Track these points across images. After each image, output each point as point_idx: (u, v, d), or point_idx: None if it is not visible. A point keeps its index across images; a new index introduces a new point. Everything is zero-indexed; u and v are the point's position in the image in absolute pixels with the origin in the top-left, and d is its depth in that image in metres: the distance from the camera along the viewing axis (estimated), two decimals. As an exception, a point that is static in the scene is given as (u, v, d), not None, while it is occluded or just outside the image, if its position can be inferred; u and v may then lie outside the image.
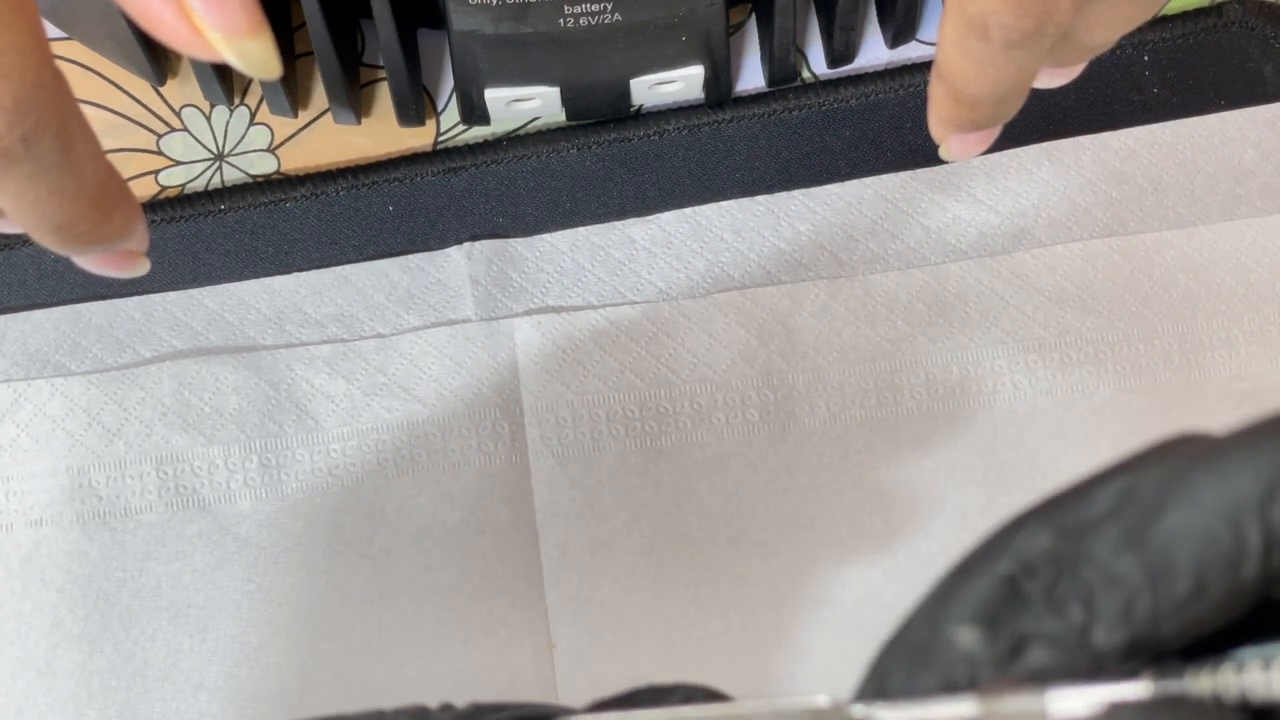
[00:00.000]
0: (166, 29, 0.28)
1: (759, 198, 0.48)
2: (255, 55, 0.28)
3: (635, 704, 0.26)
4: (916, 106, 0.49)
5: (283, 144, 0.49)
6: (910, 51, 0.50)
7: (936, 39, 0.32)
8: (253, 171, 0.49)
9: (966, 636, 0.23)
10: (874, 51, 0.50)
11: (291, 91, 0.48)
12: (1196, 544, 0.21)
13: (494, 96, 0.46)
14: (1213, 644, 0.22)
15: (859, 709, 0.24)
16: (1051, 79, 0.37)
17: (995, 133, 0.36)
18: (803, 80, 0.50)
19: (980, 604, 0.23)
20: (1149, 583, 0.21)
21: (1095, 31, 0.33)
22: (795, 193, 0.48)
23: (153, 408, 0.46)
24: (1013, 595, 0.22)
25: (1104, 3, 0.32)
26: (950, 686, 0.23)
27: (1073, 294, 0.47)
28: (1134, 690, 0.21)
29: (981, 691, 0.22)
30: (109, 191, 0.32)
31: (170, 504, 0.46)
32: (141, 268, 0.35)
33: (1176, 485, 0.22)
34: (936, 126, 0.35)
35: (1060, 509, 0.23)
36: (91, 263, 0.34)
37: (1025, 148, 0.48)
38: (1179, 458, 0.22)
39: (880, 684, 0.23)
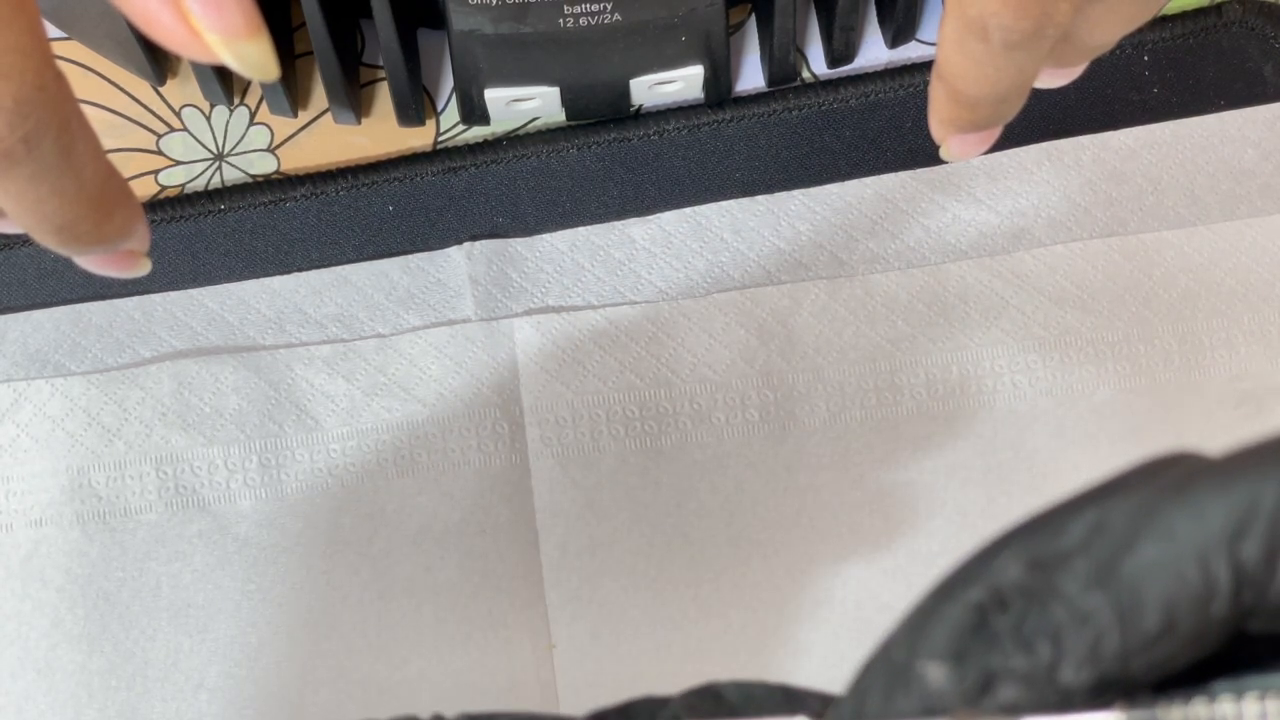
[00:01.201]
0: (164, 30, 0.28)
1: (759, 198, 0.48)
2: (253, 57, 0.28)
3: (632, 715, 0.25)
4: (916, 106, 0.49)
5: (283, 144, 0.49)
6: (910, 51, 0.50)
7: (936, 39, 0.32)
8: (253, 171, 0.49)
9: (935, 673, 0.23)
10: (874, 51, 0.50)
11: (291, 91, 0.48)
12: (1165, 582, 0.21)
13: (494, 96, 0.46)
14: (1186, 679, 0.22)
15: None
16: (1052, 79, 0.37)
17: (996, 133, 0.36)
18: (803, 80, 0.50)
19: (952, 635, 0.22)
20: (1117, 621, 0.21)
21: (1096, 32, 0.33)
22: (795, 193, 0.48)
23: (153, 408, 0.46)
24: (983, 628, 0.22)
25: (1104, 4, 0.32)
26: (928, 712, 0.22)
27: (1073, 294, 0.47)
28: None
29: (955, 718, 0.22)
30: (110, 192, 0.32)
31: (170, 504, 0.46)
32: (143, 268, 0.35)
33: (1147, 520, 0.21)
34: (937, 127, 0.35)
35: (1035, 536, 0.23)
36: (93, 263, 0.34)
37: (1025, 148, 0.48)
38: (1152, 490, 0.22)
39: (859, 704, 0.23)
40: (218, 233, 0.48)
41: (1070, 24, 0.31)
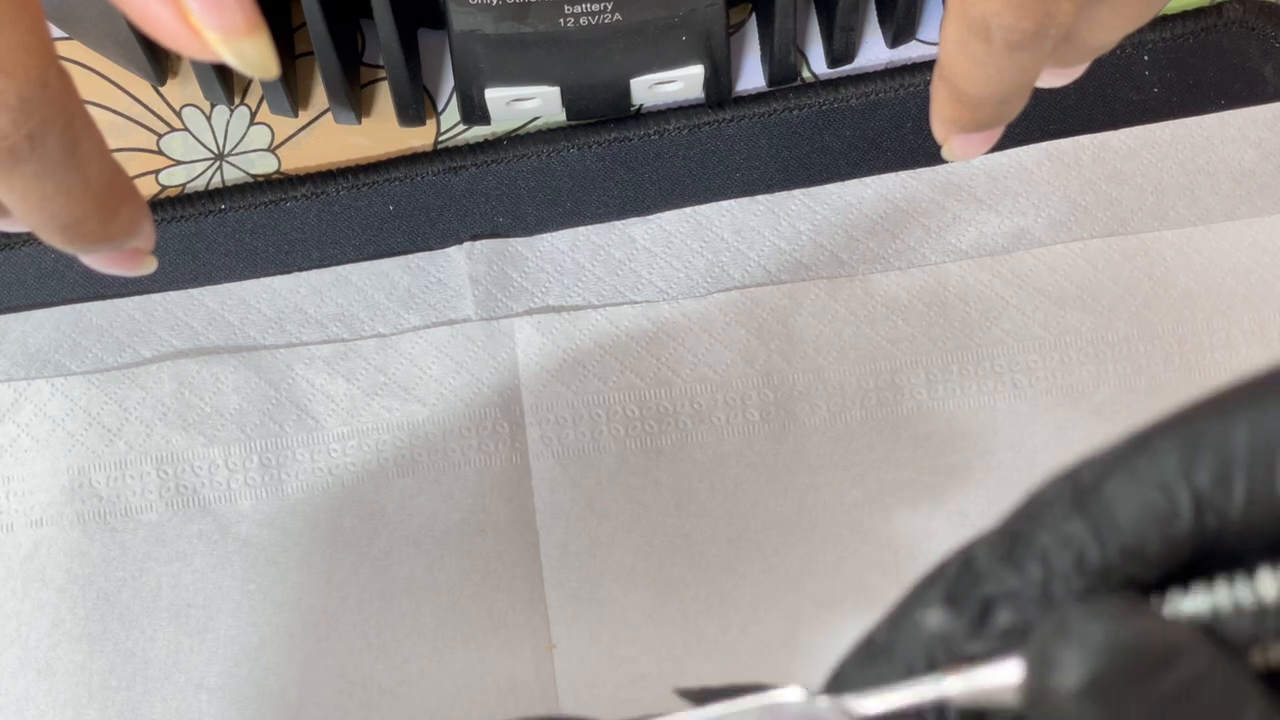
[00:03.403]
0: (164, 29, 0.28)
1: (759, 198, 0.48)
2: (253, 55, 0.28)
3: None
4: (917, 106, 0.49)
5: (283, 144, 0.49)
6: (910, 51, 0.50)
7: (939, 40, 0.32)
8: (253, 171, 0.49)
9: (934, 617, 0.25)
10: (874, 51, 0.50)
11: (292, 91, 0.48)
12: (1134, 507, 0.24)
13: (494, 96, 0.46)
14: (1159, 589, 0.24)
15: (823, 700, 0.25)
16: (1054, 78, 0.37)
17: (998, 133, 0.36)
18: (803, 80, 0.50)
19: (943, 586, 0.25)
20: (1096, 539, 0.24)
21: (1097, 32, 0.33)
22: (795, 193, 0.48)
23: (153, 408, 0.46)
24: (971, 569, 0.25)
25: (1106, 4, 0.32)
26: (912, 671, 0.24)
27: (1073, 294, 0.47)
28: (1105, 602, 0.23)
29: (945, 670, 0.24)
30: (115, 189, 0.32)
31: (170, 504, 0.46)
32: (148, 266, 0.35)
33: (1113, 464, 0.24)
34: (939, 127, 0.35)
35: (1010, 517, 0.25)
36: (98, 261, 0.34)
37: (1025, 148, 0.48)
38: (1114, 447, 0.25)
39: (840, 682, 0.25)
40: (218, 232, 0.48)
41: (1072, 24, 0.31)
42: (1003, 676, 0.24)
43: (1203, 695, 0.22)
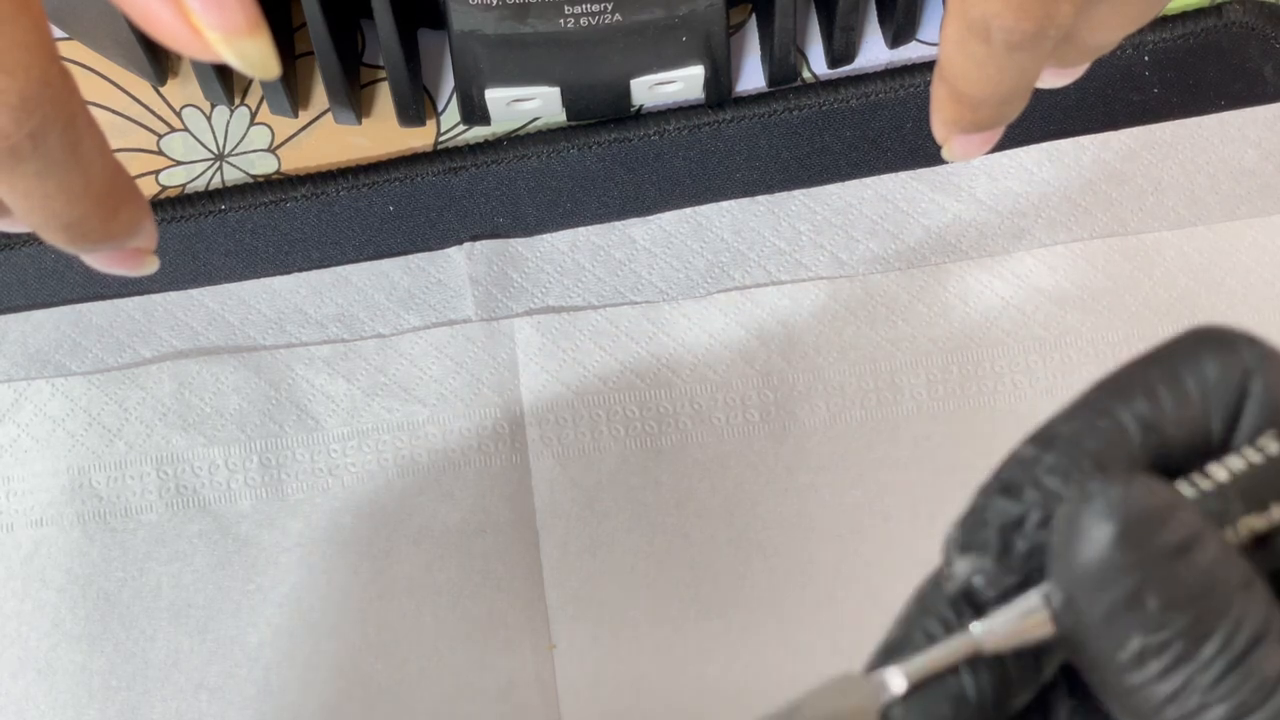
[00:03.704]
0: (164, 28, 0.28)
1: (759, 198, 0.48)
2: (254, 55, 0.28)
3: None
4: (917, 106, 0.49)
5: (283, 144, 0.49)
6: (910, 52, 0.50)
7: (939, 40, 0.32)
8: (253, 171, 0.49)
9: (961, 565, 0.26)
10: (874, 51, 0.50)
11: (292, 91, 0.48)
12: (1090, 441, 0.26)
13: (494, 96, 0.46)
14: None
15: (871, 677, 0.26)
16: (1054, 79, 0.37)
17: (998, 134, 0.36)
18: (803, 80, 0.50)
19: (959, 540, 0.27)
20: (1070, 460, 0.26)
21: (1097, 32, 0.33)
22: (795, 193, 0.48)
23: (153, 408, 0.46)
24: (977, 516, 0.27)
25: (1107, 4, 0.32)
26: (968, 598, 0.26)
27: (1073, 294, 0.47)
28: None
29: (979, 621, 0.26)
30: (116, 188, 0.32)
31: (170, 504, 0.46)
32: (150, 265, 0.35)
33: (1068, 414, 0.27)
34: (939, 128, 0.35)
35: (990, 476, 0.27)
36: (100, 261, 0.34)
37: (1025, 148, 0.48)
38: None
39: (882, 657, 0.26)
40: (218, 233, 0.48)
41: (1072, 24, 0.31)
42: (1030, 606, 0.25)
43: (1207, 548, 0.24)
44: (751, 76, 0.50)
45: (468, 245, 0.48)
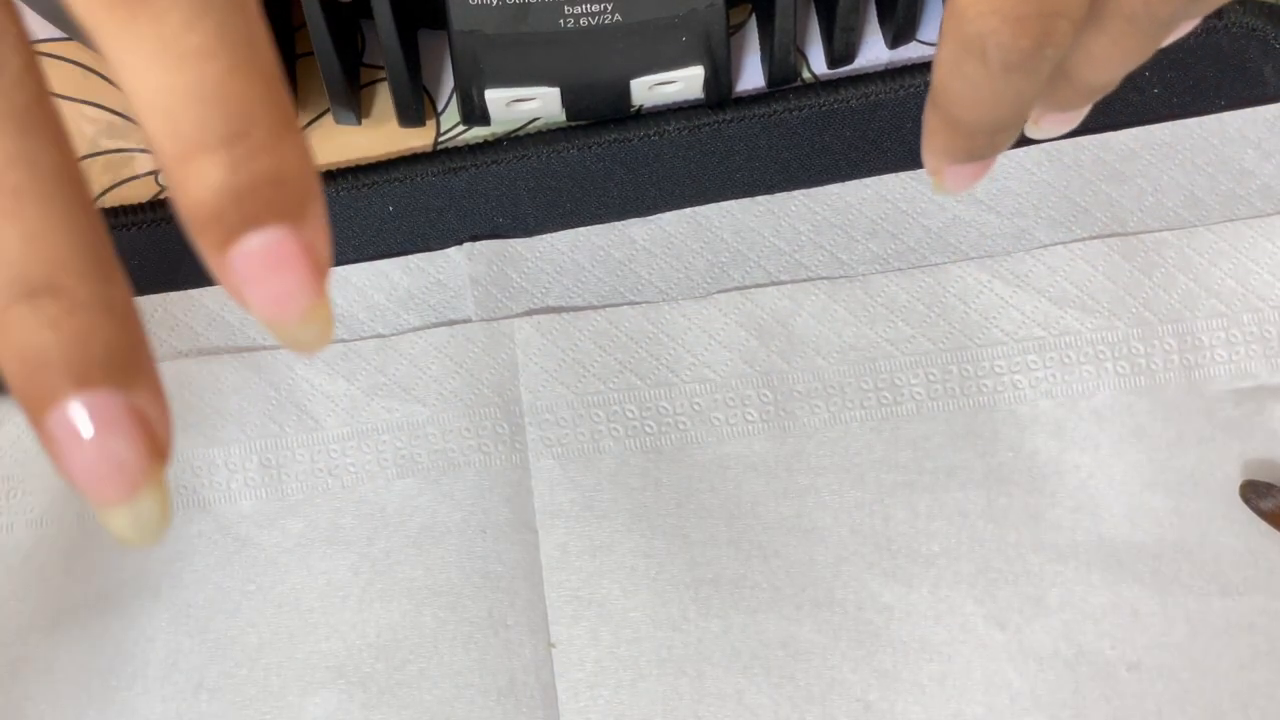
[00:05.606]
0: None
1: (759, 198, 0.48)
2: (309, 335, 0.23)
3: None
4: (917, 107, 0.49)
5: (283, 144, 0.49)
6: (910, 52, 0.50)
7: (933, 63, 0.32)
8: (253, 172, 0.49)
9: None
10: (874, 52, 0.50)
11: (292, 92, 0.48)
12: None
13: (494, 97, 0.46)
14: None
15: None
16: (1053, 125, 0.36)
17: (990, 165, 0.35)
18: (803, 80, 0.50)
19: None
20: None
21: (1098, 69, 0.33)
22: (795, 193, 0.48)
23: (153, 408, 0.46)
24: None
25: (1106, 35, 0.32)
26: None
27: (1073, 294, 0.47)
28: None
29: None
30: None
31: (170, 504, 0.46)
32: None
33: None
34: (931, 159, 0.35)
35: None
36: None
37: (1025, 148, 0.48)
38: None
39: None
40: (218, 233, 0.48)
41: (1069, 46, 0.31)
42: None
43: None
44: (751, 76, 0.50)
45: (468, 245, 0.48)
